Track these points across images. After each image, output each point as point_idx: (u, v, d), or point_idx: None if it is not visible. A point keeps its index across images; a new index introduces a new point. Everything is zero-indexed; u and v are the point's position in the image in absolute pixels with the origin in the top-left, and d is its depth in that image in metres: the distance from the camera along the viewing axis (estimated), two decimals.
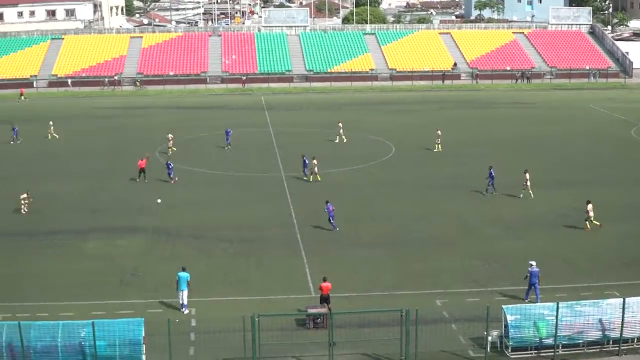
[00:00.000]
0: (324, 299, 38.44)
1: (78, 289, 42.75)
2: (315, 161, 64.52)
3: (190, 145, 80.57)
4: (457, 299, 40.59)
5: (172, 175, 64.53)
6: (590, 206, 51.46)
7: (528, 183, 58.66)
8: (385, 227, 53.03)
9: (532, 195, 58.67)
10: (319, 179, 64.26)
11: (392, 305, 37.47)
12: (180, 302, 39.58)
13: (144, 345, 33.76)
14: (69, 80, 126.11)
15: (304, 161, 65.00)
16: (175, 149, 75.25)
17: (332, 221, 51.97)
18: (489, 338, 34.75)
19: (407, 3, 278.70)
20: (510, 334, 34.57)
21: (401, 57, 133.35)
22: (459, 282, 43.07)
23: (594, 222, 51.36)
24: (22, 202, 56.88)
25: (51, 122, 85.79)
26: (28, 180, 64.89)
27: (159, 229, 52.91)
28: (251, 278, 44.28)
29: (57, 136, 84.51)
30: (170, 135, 76.56)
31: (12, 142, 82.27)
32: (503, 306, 35.62)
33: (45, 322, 34.82)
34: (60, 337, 33.42)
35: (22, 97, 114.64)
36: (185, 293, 39.50)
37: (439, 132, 76.04)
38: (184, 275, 39.49)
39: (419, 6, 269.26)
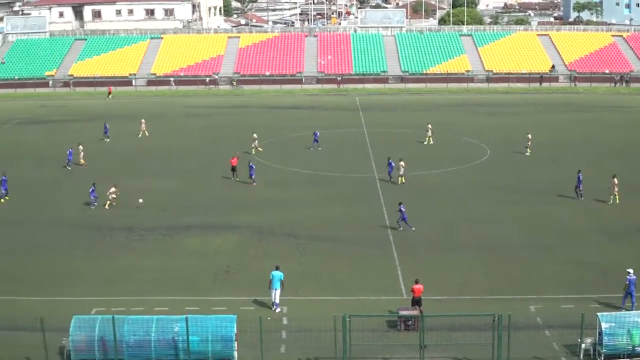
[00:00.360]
0: (416, 301, 38.34)
1: (173, 284, 43.53)
2: (402, 163, 64.23)
3: (285, 144, 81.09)
4: (551, 305, 40.04)
5: (253, 177, 65.00)
6: None
7: (616, 189, 57.60)
8: (479, 230, 52.55)
9: (617, 201, 57.62)
10: (404, 181, 63.99)
11: (485, 309, 37.25)
12: (273, 300, 39.88)
13: (236, 342, 34.15)
14: (172, 80, 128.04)
15: (390, 163, 64.70)
16: (261, 149, 75.80)
17: (406, 221, 52.10)
18: (583, 345, 34.27)
19: (505, 4, 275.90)
20: (604, 341, 34.01)
21: (498, 59, 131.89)
22: (554, 288, 42.44)
23: None
24: (110, 195, 57.98)
25: (143, 120, 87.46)
26: (125, 176, 66.14)
27: (253, 227, 53.40)
28: (343, 278, 44.37)
29: (147, 133, 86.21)
30: (255, 135, 77.19)
31: (107, 140, 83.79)
32: (598, 314, 35.06)
33: (139, 316, 35.48)
34: (154, 331, 34.00)
35: (110, 96, 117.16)
36: (278, 292, 39.77)
37: (530, 135, 75.03)
38: (278, 274, 39.79)
39: (517, 7, 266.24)
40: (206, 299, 41.25)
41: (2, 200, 60.94)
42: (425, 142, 79.69)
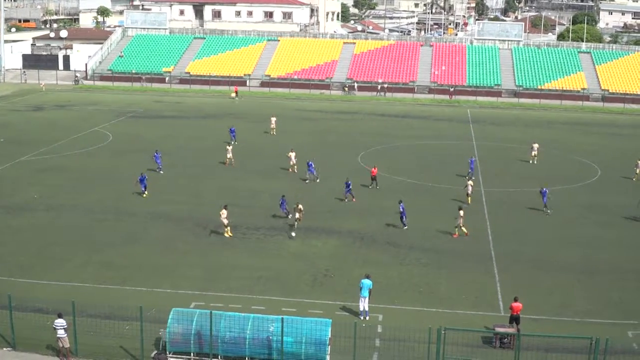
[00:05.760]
0: (514, 319, 37.93)
1: (272, 284, 44.03)
2: (470, 182, 63.46)
3: (391, 152, 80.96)
4: None
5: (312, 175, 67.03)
6: None
7: None
8: (583, 251, 51.59)
9: None
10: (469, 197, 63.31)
11: (583, 332, 36.70)
12: (361, 309, 39.93)
13: (329, 346, 34.34)
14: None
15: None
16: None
17: (403, 220, 54.73)
18: None
19: (625, 24, 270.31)
20: None
21: (615, 78, 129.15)
22: None
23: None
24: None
25: (274, 119, 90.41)
26: (241, 175, 67.08)
27: (354, 233, 53.60)
28: (441, 290, 44.16)
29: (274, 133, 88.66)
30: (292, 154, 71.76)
31: (235, 143, 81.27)
32: None
33: (236, 313, 35.95)
34: (250, 329, 34.45)
35: (235, 95, 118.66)
36: (367, 300, 39.77)
37: None
38: (367, 282, 39.81)
39: (637, 28, 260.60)
40: (303, 301, 41.57)
41: (145, 194, 62.17)
42: (531, 162, 78.45)
